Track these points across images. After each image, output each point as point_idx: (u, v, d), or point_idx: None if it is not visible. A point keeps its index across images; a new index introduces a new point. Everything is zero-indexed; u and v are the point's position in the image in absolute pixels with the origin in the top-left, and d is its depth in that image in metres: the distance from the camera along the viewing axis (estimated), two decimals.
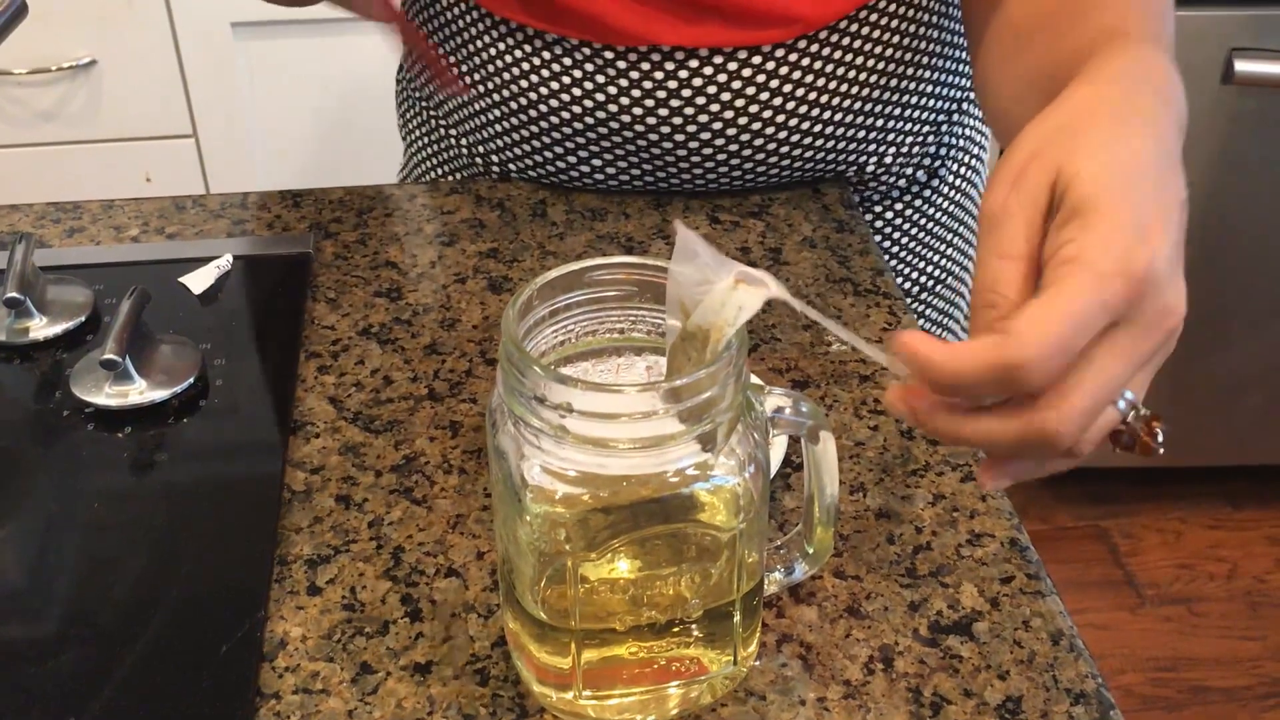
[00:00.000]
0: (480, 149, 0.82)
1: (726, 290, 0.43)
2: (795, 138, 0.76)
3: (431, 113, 0.85)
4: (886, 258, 0.85)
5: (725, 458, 0.44)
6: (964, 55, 0.83)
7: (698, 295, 0.43)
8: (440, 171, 0.88)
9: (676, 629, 0.47)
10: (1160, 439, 0.45)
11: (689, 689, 0.49)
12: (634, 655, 0.47)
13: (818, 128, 0.76)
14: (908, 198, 0.84)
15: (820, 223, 0.78)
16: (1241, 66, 1.54)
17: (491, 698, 0.50)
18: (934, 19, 0.78)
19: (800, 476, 0.60)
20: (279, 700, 0.50)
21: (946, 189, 0.86)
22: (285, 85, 1.72)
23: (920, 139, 0.82)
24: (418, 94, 0.87)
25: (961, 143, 0.86)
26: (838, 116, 0.76)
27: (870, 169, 0.81)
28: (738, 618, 0.48)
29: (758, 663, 0.51)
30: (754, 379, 0.45)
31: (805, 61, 0.74)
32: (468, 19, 0.76)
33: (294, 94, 1.73)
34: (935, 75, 0.80)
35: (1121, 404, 0.44)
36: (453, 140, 0.84)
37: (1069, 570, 1.85)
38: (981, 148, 0.89)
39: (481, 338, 0.69)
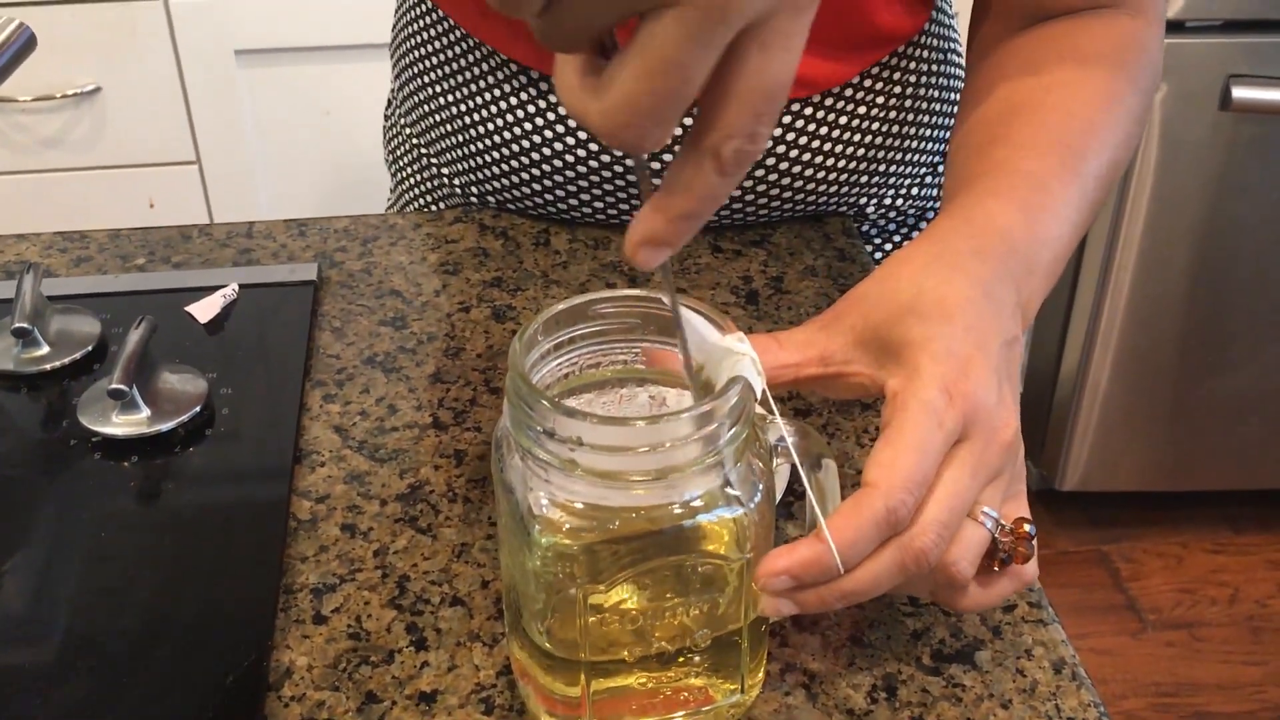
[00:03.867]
0: (475, 189, 0.82)
1: (740, 361, 0.46)
2: (798, 184, 0.78)
3: (423, 150, 0.86)
4: None
5: (731, 488, 0.45)
6: (957, 99, 0.84)
7: (700, 357, 0.47)
8: (427, 199, 0.88)
9: (684, 659, 0.48)
10: (1031, 548, 0.49)
11: (695, 719, 0.49)
12: (642, 685, 0.48)
13: (820, 174, 0.78)
14: (904, 230, 0.85)
15: (822, 251, 0.78)
16: (1239, 93, 1.55)
17: None
18: (937, 69, 0.79)
19: (802, 505, 0.60)
20: None
21: None
22: (288, 112, 1.73)
23: (919, 180, 0.84)
24: (409, 129, 0.88)
25: None
26: (840, 164, 0.78)
27: (870, 211, 0.83)
28: (745, 646, 0.48)
29: (762, 692, 0.51)
30: (757, 409, 0.46)
31: (808, 120, 0.75)
32: (470, 58, 0.77)
33: (297, 121, 1.74)
34: (935, 120, 0.82)
35: (988, 523, 0.48)
36: (445, 179, 0.84)
37: (1070, 595, 1.85)
38: None
39: (486, 366, 0.69)
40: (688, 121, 0.39)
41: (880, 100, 0.77)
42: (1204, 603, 1.85)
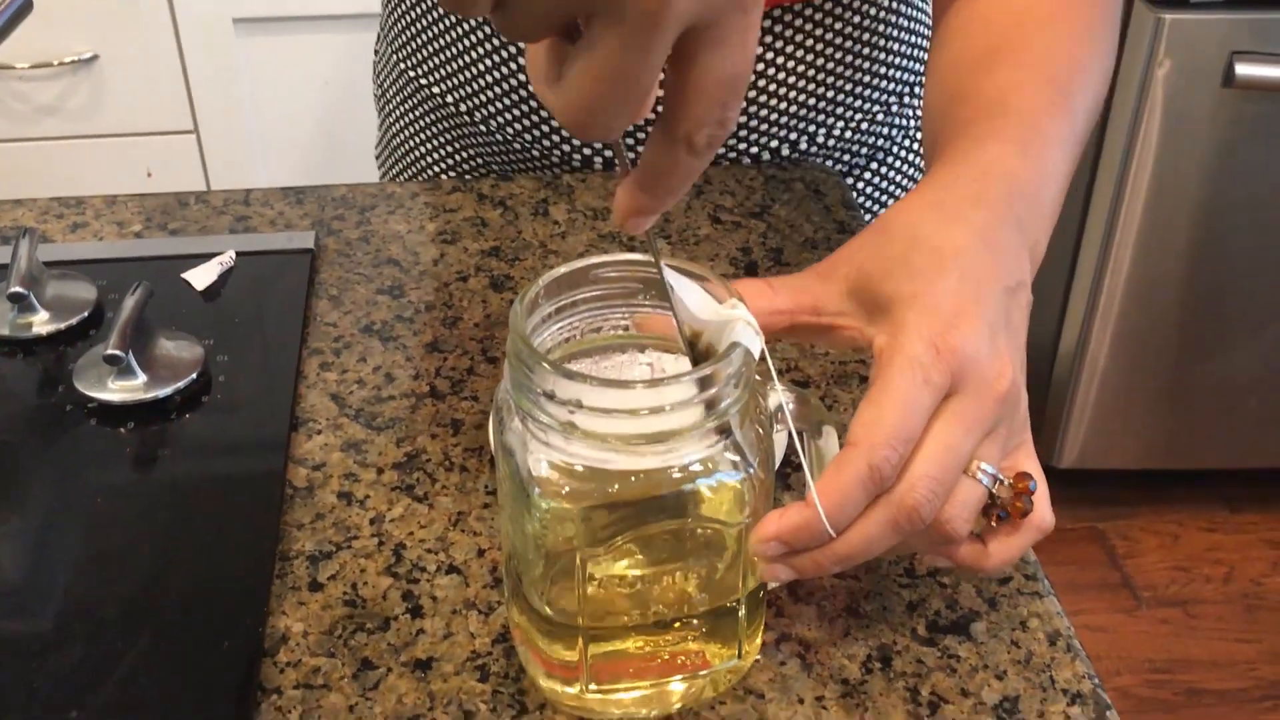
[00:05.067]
0: (465, 104, 0.83)
1: (733, 326, 0.45)
2: (750, 109, 0.78)
3: (411, 74, 0.86)
4: None
5: (732, 453, 0.45)
6: (918, 41, 0.85)
7: (698, 325, 0.46)
8: (416, 129, 0.88)
9: (682, 624, 0.48)
10: (1029, 503, 0.48)
11: (693, 683, 0.49)
12: (640, 650, 0.48)
13: (772, 90, 0.78)
14: (848, 181, 0.86)
15: (821, 224, 0.78)
16: (1242, 70, 1.54)
17: (492, 694, 0.50)
18: (898, 6, 0.80)
19: (799, 476, 0.60)
20: (280, 695, 0.50)
21: (882, 178, 0.88)
22: (287, 81, 1.72)
23: (870, 116, 0.84)
24: (395, 55, 0.88)
25: (905, 127, 0.88)
26: (801, 85, 0.78)
27: (820, 139, 0.83)
28: (743, 612, 0.48)
29: (757, 660, 0.51)
30: (757, 375, 0.46)
31: (765, 35, 0.75)
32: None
33: (295, 90, 1.74)
34: (890, 59, 0.82)
35: (983, 478, 0.47)
36: (436, 97, 0.85)
37: (1066, 572, 1.86)
38: (916, 140, 0.90)
39: (483, 336, 0.69)
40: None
41: (838, 26, 0.77)
42: (1199, 580, 1.86)
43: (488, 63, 0.80)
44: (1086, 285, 1.75)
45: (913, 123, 0.89)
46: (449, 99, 0.84)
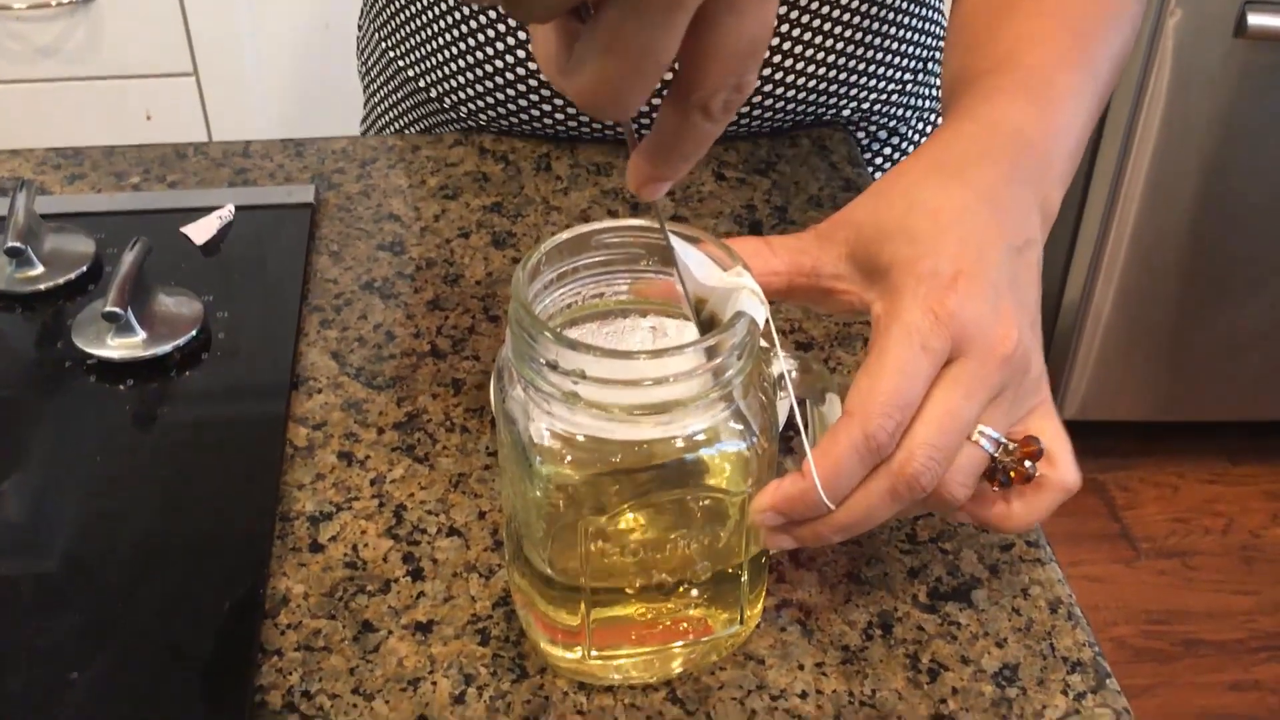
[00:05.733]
0: (449, 98, 0.81)
1: (738, 295, 0.45)
2: (780, 75, 0.76)
3: (398, 62, 0.85)
4: None
5: (735, 421, 0.44)
6: (934, 16, 0.84)
7: (703, 292, 0.46)
8: (404, 121, 0.87)
9: (684, 590, 0.48)
10: (1033, 469, 0.47)
11: (694, 649, 0.49)
12: (642, 616, 0.48)
13: (790, 78, 0.76)
14: (868, 156, 0.85)
15: (827, 181, 0.77)
16: (1254, 20, 1.52)
17: (492, 657, 0.50)
18: None
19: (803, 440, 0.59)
20: (281, 657, 0.50)
21: (899, 151, 0.87)
22: (288, 23, 1.70)
23: (884, 95, 0.82)
24: (377, 34, 0.86)
25: (925, 102, 0.87)
26: (819, 58, 0.76)
27: (847, 114, 0.81)
28: (745, 579, 0.48)
29: (758, 626, 0.51)
30: (761, 342, 0.45)
31: (790, 9, 0.74)
32: None
33: (297, 32, 1.71)
34: (906, 34, 0.81)
35: (985, 443, 0.46)
36: (420, 87, 0.83)
37: (1066, 523, 1.86)
38: (935, 112, 0.89)
39: (485, 294, 0.68)
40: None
41: (856, 4, 0.76)
42: (1198, 532, 1.86)
43: (462, 46, 0.77)
44: (1092, 237, 1.74)
45: (927, 102, 0.87)
46: (422, 83, 0.82)
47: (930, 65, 0.85)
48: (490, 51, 0.76)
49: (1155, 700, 1.64)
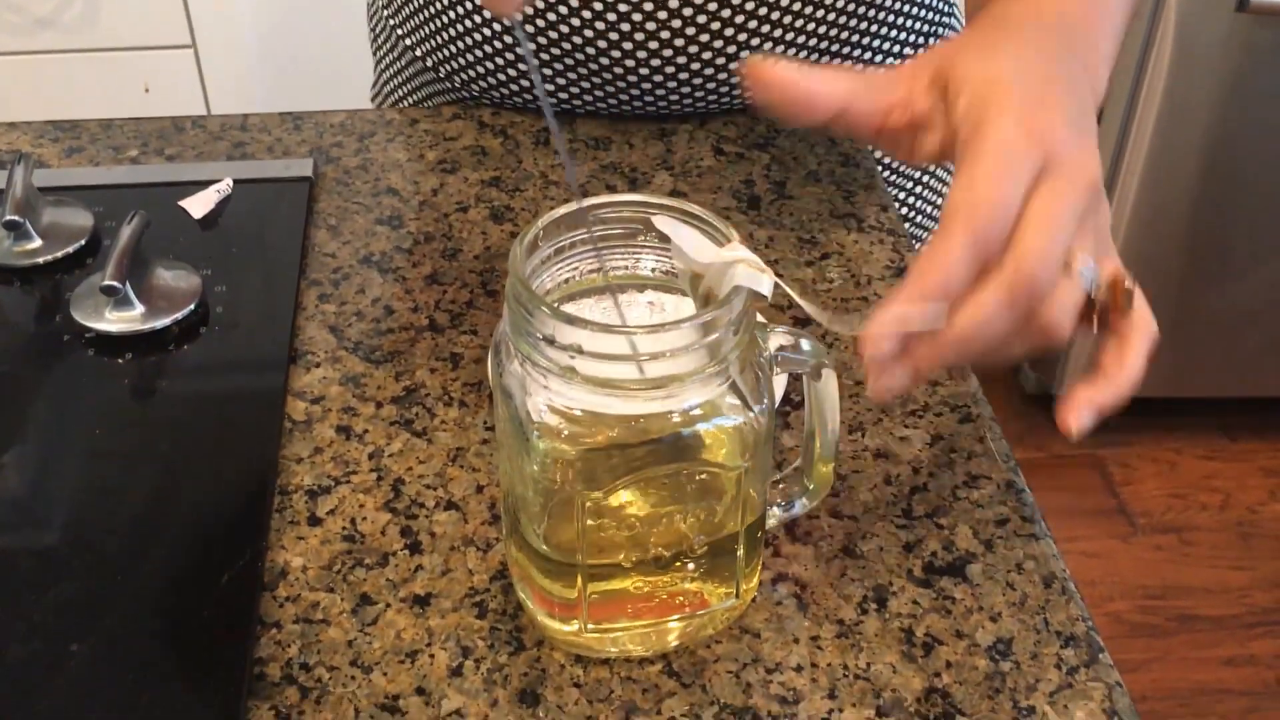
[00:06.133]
0: (444, 67, 0.81)
1: (734, 270, 0.44)
2: (781, 50, 0.76)
3: (397, 31, 0.85)
4: None
5: (732, 397, 0.45)
6: None
7: (699, 269, 0.46)
8: (407, 89, 0.87)
9: (680, 564, 0.48)
10: (1132, 296, 0.46)
11: (690, 622, 0.50)
12: (639, 589, 0.48)
13: (801, 38, 0.76)
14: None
15: (826, 156, 0.77)
16: None
17: (490, 630, 0.51)
18: None
19: (798, 415, 0.60)
20: (280, 629, 0.51)
21: None
22: None
23: (904, 59, 0.82)
24: (381, 4, 0.86)
25: None
26: (821, 30, 0.76)
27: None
28: (740, 552, 0.48)
29: (753, 600, 0.52)
30: (758, 317, 0.45)
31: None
32: None
33: (293, 5, 1.71)
34: (914, 9, 0.80)
35: (1086, 272, 0.45)
36: (417, 57, 0.83)
37: (1064, 498, 1.87)
38: None
39: (483, 268, 0.68)
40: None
41: None
42: (1195, 508, 1.87)
43: (453, 15, 0.77)
44: None
45: None
46: (419, 51, 0.82)
47: (935, 40, 0.85)
48: (480, 19, 0.76)
49: (1150, 675, 1.64)
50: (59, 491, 0.56)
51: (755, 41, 0.75)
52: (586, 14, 0.72)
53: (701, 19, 0.72)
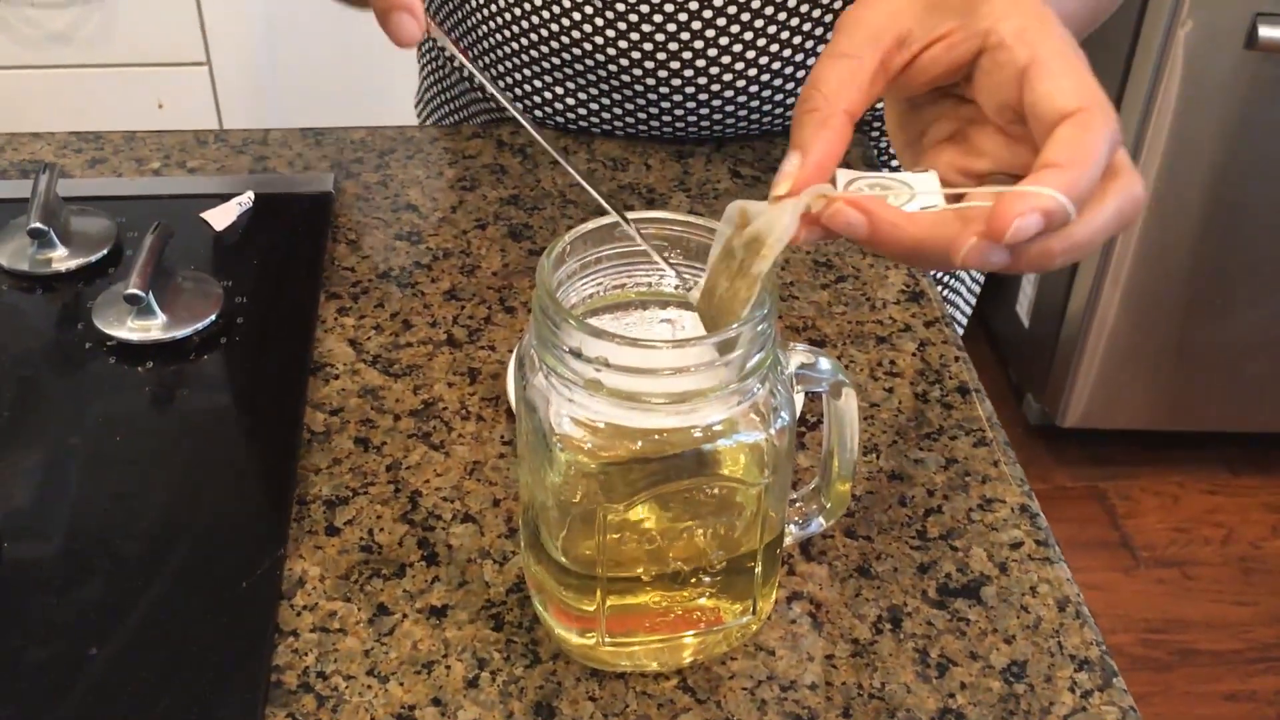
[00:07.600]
0: (469, 81, 0.83)
1: (797, 205, 0.43)
2: (801, 75, 0.76)
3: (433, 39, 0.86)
4: None
5: (752, 413, 0.45)
6: None
7: (763, 207, 0.44)
8: (444, 98, 0.89)
9: (697, 580, 0.48)
10: None
11: (705, 638, 0.50)
12: (656, 604, 0.48)
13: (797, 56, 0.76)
14: (884, 159, 0.85)
15: None
16: (1265, 32, 1.52)
17: (506, 643, 0.51)
18: None
19: (814, 435, 0.60)
20: (297, 638, 0.51)
21: None
22: (302, 14, 1.71)
23: None
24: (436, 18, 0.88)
25: None
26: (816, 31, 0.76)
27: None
28: (758, 570, 0.49)
29: (769, 618, 0.52)
30: (778, 336, 0.46)
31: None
32: None
33: (311, 23, 1.72)
34: None
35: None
36: (452, 67, 0.85)
37: (1066, 530, 1.87)
38: None
39: (501, 285, 0.69)
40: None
41: None
42: (1197, 542, 1.87)
43: (476, 18, 0.79)
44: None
45: None
46: (455, 63, 0.84)
47: None
48: (509, 34, 0.77)
49: (1151, 709, 1.64)
50: (79, 498, 0.56)
51: (776, 65, 0.75)
52: (610, 33, 0.73)
53: (724, 40, 0.73)
